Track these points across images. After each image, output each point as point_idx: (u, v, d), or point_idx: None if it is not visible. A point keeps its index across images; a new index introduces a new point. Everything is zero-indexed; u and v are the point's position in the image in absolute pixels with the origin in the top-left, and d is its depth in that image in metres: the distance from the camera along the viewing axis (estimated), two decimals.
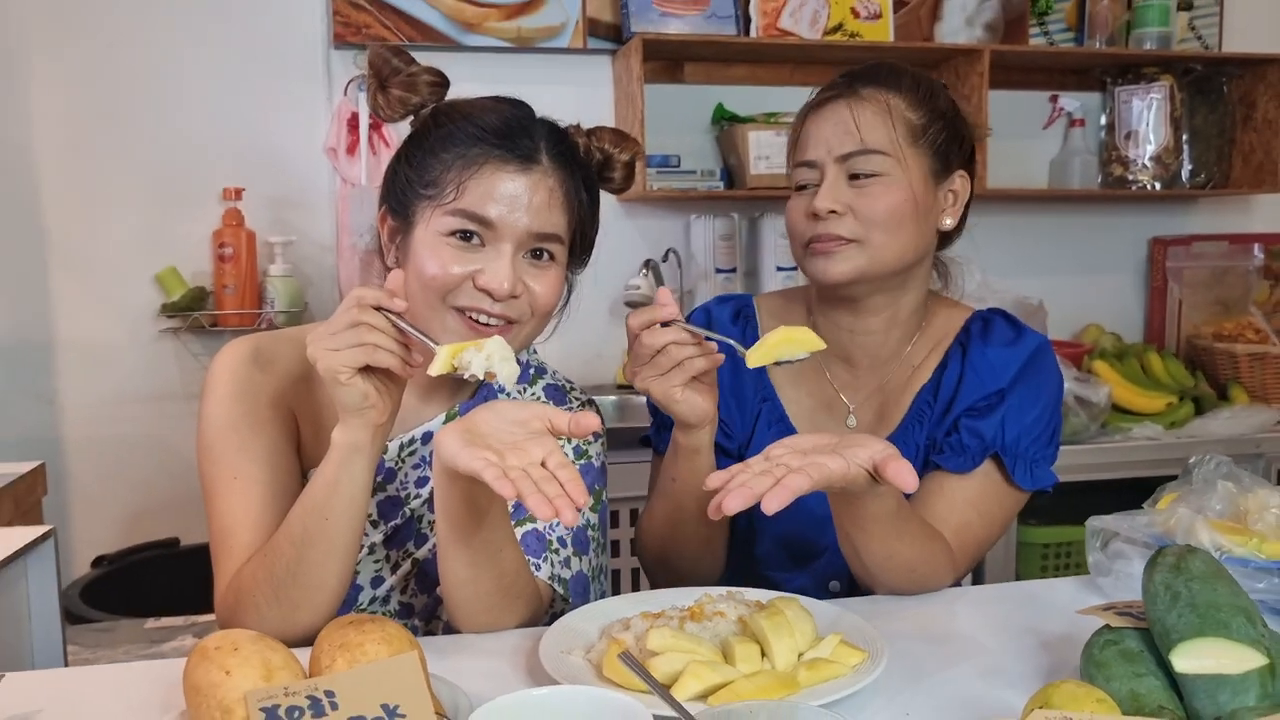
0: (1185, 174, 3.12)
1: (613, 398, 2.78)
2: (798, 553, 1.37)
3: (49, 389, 2.62)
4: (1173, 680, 0.88)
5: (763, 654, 1.01)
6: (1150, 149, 3.05)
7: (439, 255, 1.15)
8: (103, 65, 2.58)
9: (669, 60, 2.87)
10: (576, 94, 2.84)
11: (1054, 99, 3.14)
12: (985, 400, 1.31)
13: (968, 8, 2.99)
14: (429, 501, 1.25)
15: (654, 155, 2.77)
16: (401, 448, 1.26)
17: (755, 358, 1.14)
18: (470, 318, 1.17)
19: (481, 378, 1.06)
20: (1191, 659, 0.86)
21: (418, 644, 0.93)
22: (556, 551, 1.27)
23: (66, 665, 1.66)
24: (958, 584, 1.41)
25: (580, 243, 1.26)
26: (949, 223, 1.38)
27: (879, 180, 1.27)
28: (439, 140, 1.18)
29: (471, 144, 1.16)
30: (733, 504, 0.98)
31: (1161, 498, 1.31)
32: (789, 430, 1.37)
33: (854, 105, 1.29)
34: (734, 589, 1.17)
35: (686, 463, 1.25)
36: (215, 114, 2.55)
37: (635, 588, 2.43)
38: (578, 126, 1.28)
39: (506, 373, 1.06)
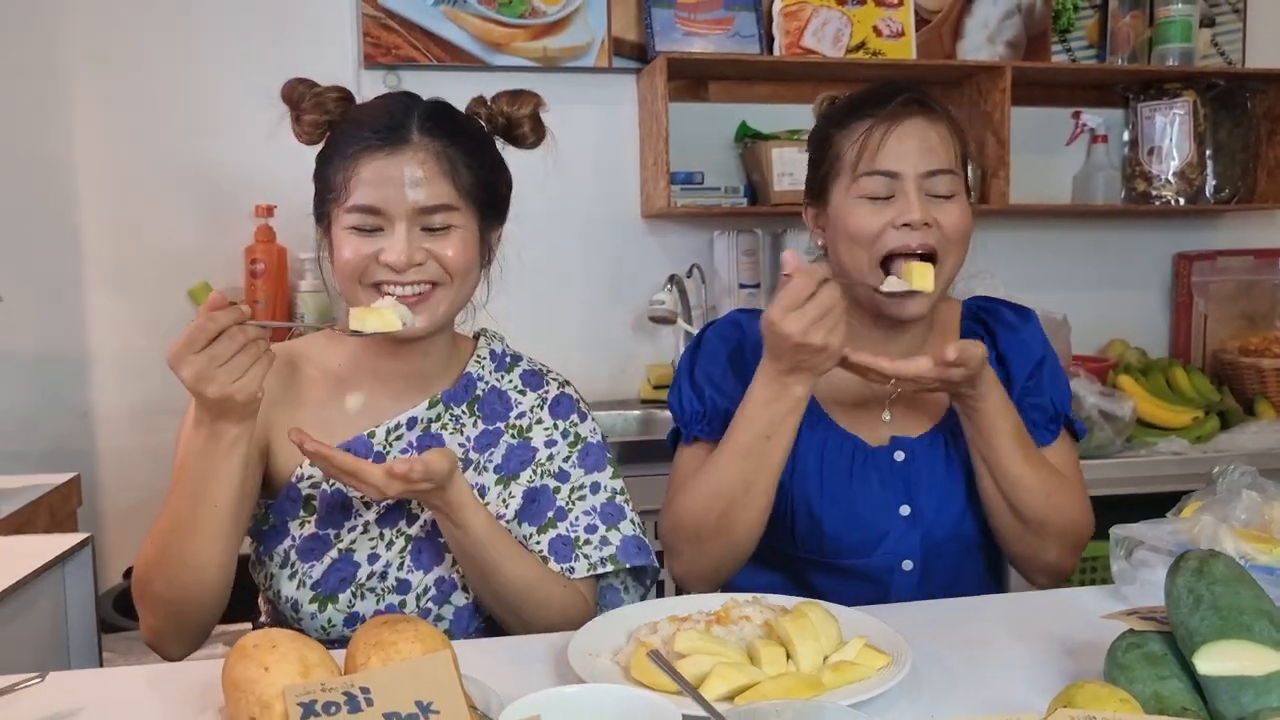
0: (1209, 189, 3.11)
1: (637, 412, 2.79)
2: (859, 539, 1.41)
3: (83, 401, 2.66)
4: (1196, 683, 0.89)
5: (788, 656, 1.02)
6: (1174, 164, 3.04)
7: (346, 246, 1.25)
8: (141, 85, 2.63)
9: (693, 79, 2.90)
10: (602, 112, 2.88)
11: (1076, 115, 3.14)
12: (1032, 375, 1.44)
13: (989, 25, 3.01)
14: None
15: (678, 172, 2.80)
16: (388, 433, 1.33)
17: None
18: (386, 291, 1.25)
19: (380, 329, 1.21)
20: (1215, 661, 0.87)
21: (449, 643, 0.96)
22: (588, 542, 1.33)
23: (101, 666, 1.69)
24: (980, 592, 1.44)
25: (490, 202, 1.34)
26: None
27: (954, 200, 1.34)
28: (331, 148, 1.29)
29: (351, 143, 1.25)
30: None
31: (1186, 506, 1.31)
32: (831, 427, 1.43)
33: (934, 123, 1.34)
34: (759, 595, 1.18)
35: (795, 415, 1.28)
36: (248, 132, 2.60)
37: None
38: (480, 98, 1.39)
39: (390, 322, 1.21)
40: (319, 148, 1.31)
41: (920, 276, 1.30)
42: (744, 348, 1.46)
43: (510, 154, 2.80)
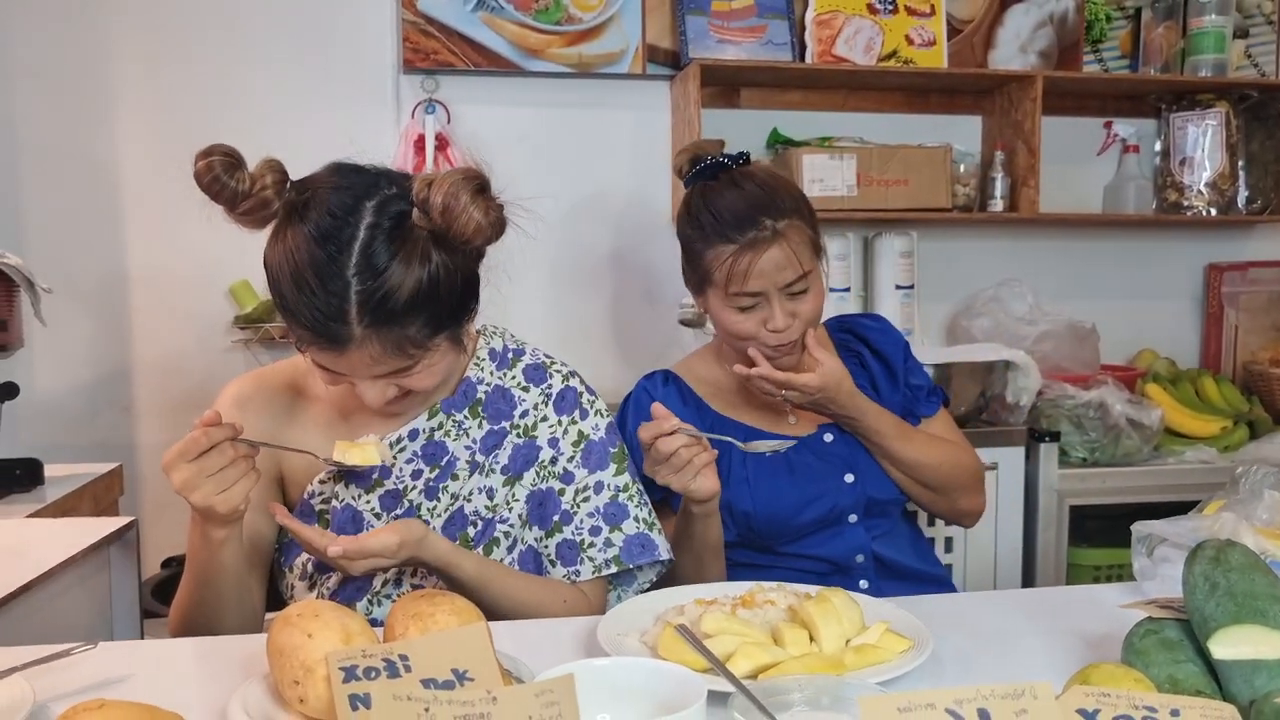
0: (1241, 200, 3.11)
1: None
2: (819, 511, 1.62)
3: (126, 396, 2.73)
4: (1210, 667, 0.91)
5: (811, 639, 1.05)
6: (1206, 175, 3.04)
7: (320, 373, 1.26)
8: (185, 87, 2.70)
9: (726, 85, 2.93)
10: (635, 118, 2.92)
11: (1108, 125, 3.15)
12: (906, 359, 1.74)
13: (1021, 35, 3.03)
14: (425, 491, 1.36)
15: None
16: (391, 446, 1.35)
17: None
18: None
19: (360, 464, 1.26)
20: (1229, 646, 0.89)
21: (484, 618, 0.99)
22: (592, 545, 1.37)
23: None
24: (918, 538, 1.73)
25: (453, 316, 1.25)
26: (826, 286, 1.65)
27: (810, 292, 1.56)
28: (278, 295, 1.21)
29: (296, 325, 1.19)
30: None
31: (1208, 505, 1.33)
32: (751, 435, 1.62)
33: (784, 242, 1.51)
34: (783, 582, 1.21)
35: (702, 526, 1.46)
36: (289, 135, 2.64)
37: None
38: (423, 201, 1.17)
39: (371, 458, 1.27)
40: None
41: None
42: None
43: (542, 158, 2.87)
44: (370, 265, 1.16)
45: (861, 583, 1.62)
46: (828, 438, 1.66)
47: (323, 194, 1.19)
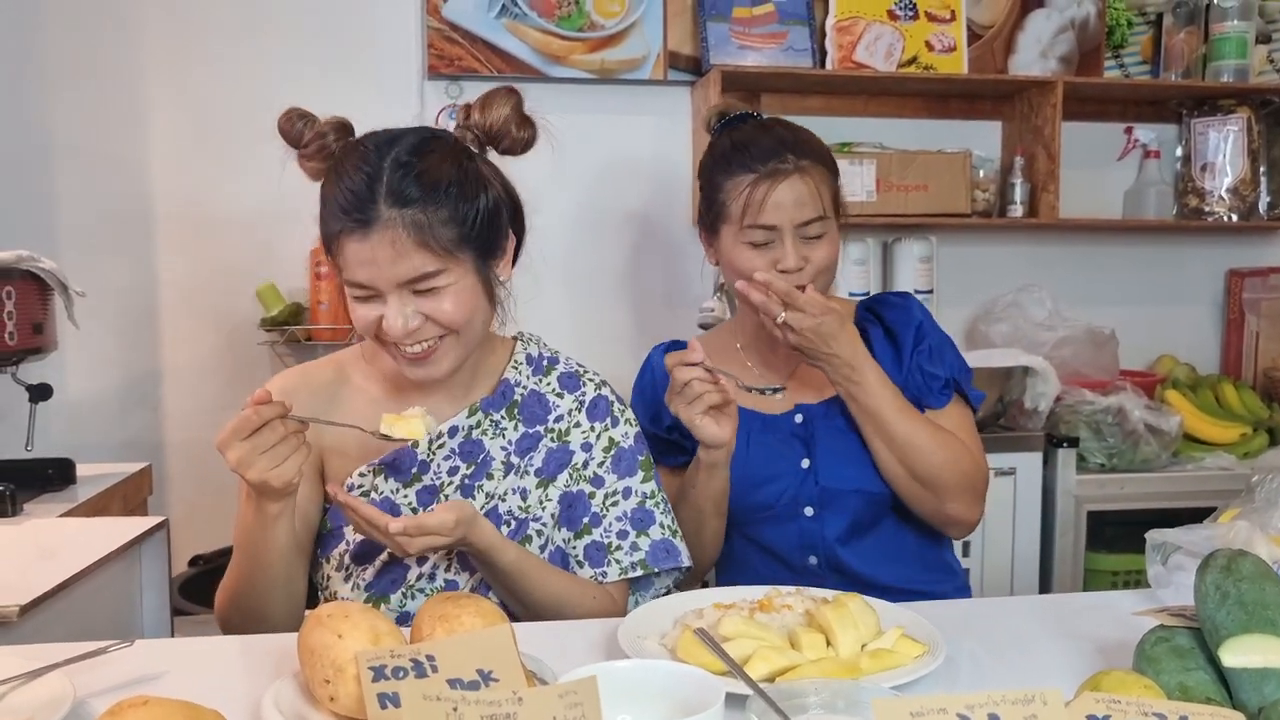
0: (1263, 206, 3.10)
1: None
2: (765, 494, 1.60)
3: (155, 397, 2.77)
4: (1221, 675, 0.93)
5: (827, 643, 1.07)
6: (1227, 181, 3.04)
7: (354, 308, 1.30)
8: (213, 93, 2.74)
9: (746, 91, 2.94)
10: (656, 124, 2.94)
11: (1129, 130, 3.14)
12: (918, 340, 1.61)
13: (1042, 40, 3.03)
14: (461, 488, 1.39)
15: None
16: (431, 442, 1.38)
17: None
18: (403, 350, 1.30)
19: (406, 437, 1.29)
20: (1239, 654, 0.90)
21: (508, 620, 1.02)
22: (619, 548, 1.40)
23: None
24: (919, 539, 1.64)
25: (482, 239, 1.30)
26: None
27: (824, 239, 1.55)
28: (322, 207, 1.29)
29: (331, 221, 1.27)
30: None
31: (1224, 512, 1.34)
32: (740, 412, 1.57)
33: (803, 179, 1.51)
34: (800, 588, 1.24)
35: (705, 475, 1.50)
36: None
37: None
38: (467, 111, 1.36)
39: (416, 431, 1.29)
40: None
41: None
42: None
43: (564, 164, 2.90)
44: (409, 150, 1.27)
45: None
46: (798, 419, 1.62)
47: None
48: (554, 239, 2.87)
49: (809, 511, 1.60)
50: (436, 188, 1.25)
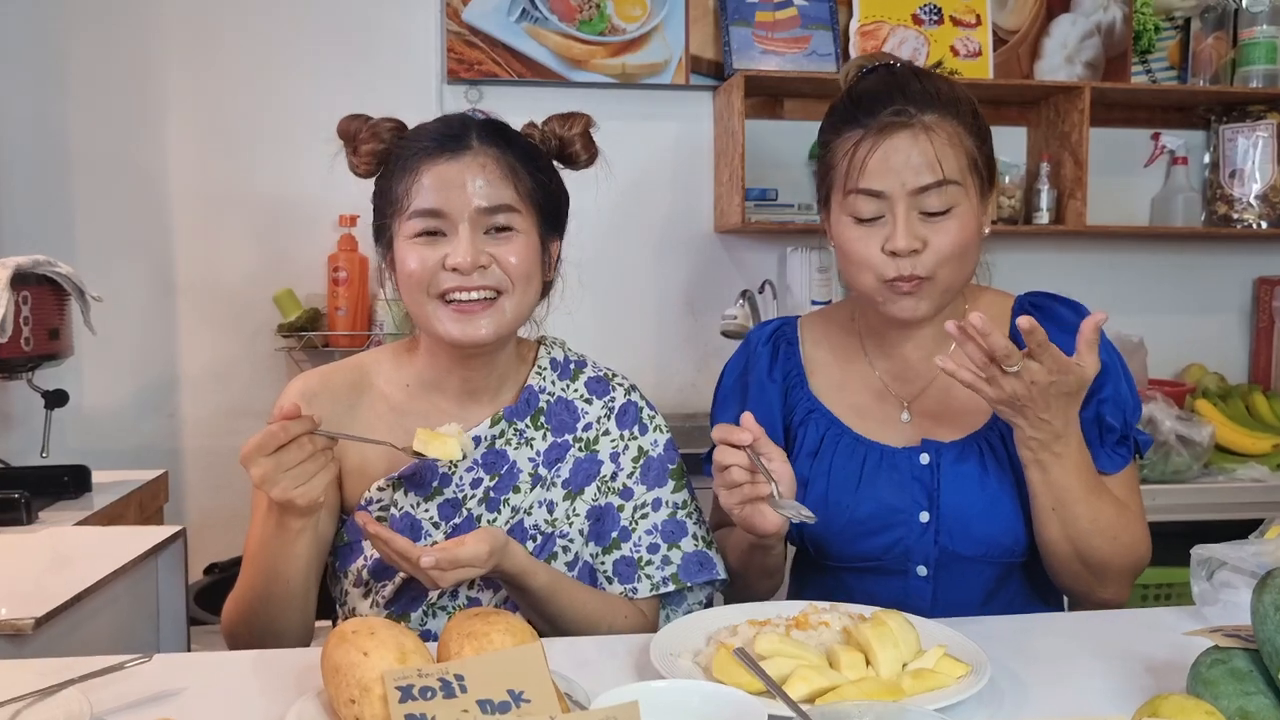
0: None
1: (705, 425, 2.81)
2: (868, 545, 1.38)
3: (171, 403, 2.76)
4: None
5: (867, 663, 1.04)
6: (1256, 187, 2.99)
7: (410, 256, 1.27)
8: (231, 98, 2.73)
9: (769, 96, 2.92)
10: (678, 129, 2.92)
11: (1156, 137, 3.10)
12: (1097, 386, 1.31)
13: (1068, 45, 2.99)
14: (484, 501, 1.34)
15: (752, 189, 2.82)
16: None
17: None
18: (453, 301, 1.26)
19: (440, 458, 1.26)
20: None
21: (539, 638, 0.98)
22: (650, 562, 1.35)
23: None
24: (1044, 609, 1.44)
25: (549, 209, 1.34)
26: (988, 229, 1.35)
27: (952, 215, 1.26)
28: (391, 166, 1.30)
29: (412, 155, 1.28)
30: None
31: (1270, 528, 1.30)
32: (843, 433, 1.40)
33: (925, 135, 1.25)
34: (836, 603, 1.20)
35: (759, 552, 1.33)
36: (334, 143, 2.67)
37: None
38: (531, 123, 1.38)
39: (452, 451, 1.25)
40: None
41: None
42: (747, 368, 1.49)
43: (586, 169, 2.86)
44: (490, 118, 1.34)
45: None
46: (923, 459, 1.36)
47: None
48: (575, 245, 2.82)
49: (922, 571, 1.35)
50: (521, 143, 1.32)
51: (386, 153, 1.32)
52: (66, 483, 1.98)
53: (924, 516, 1.34)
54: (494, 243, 1.27)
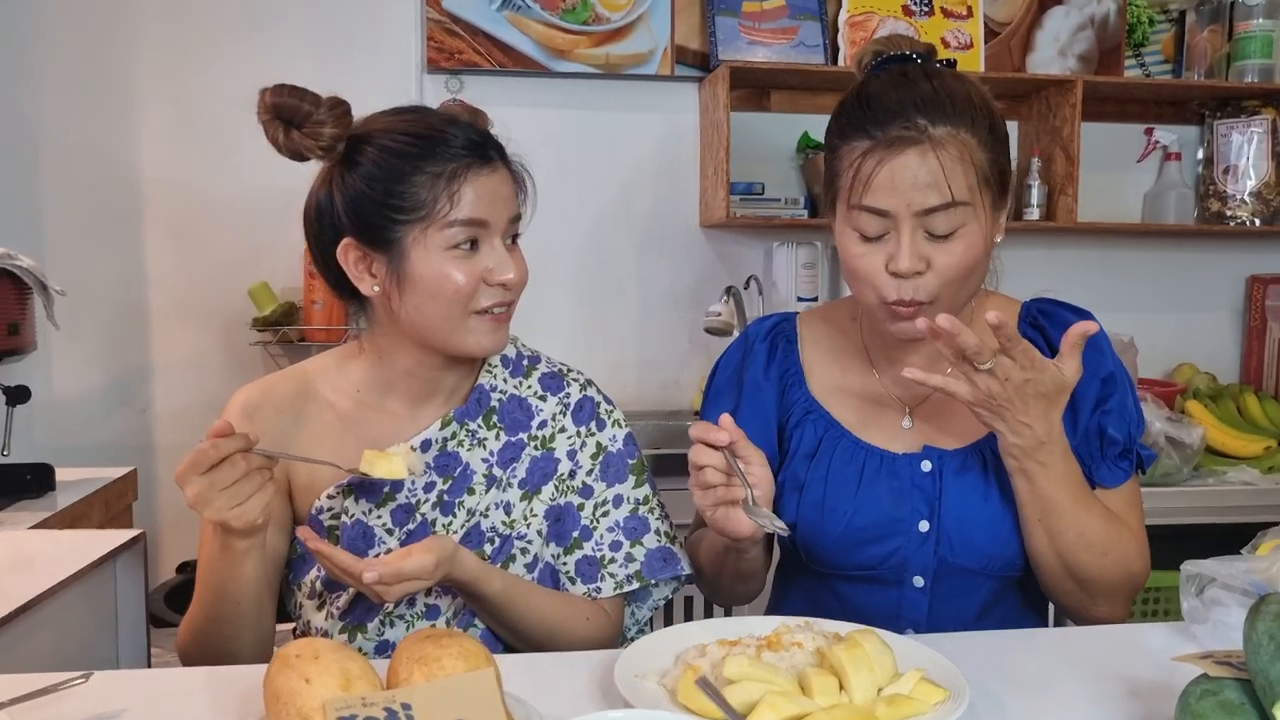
0: None
1: (689, 424, 2.76)
2: (864, 554, 1.33)
3: (143, 398, 2.70)
4: None
5: (840, 687, 0.99)
6: (1250, 184, 2.95)
7: (452, 269, 1.21)
8: (205, 87, 2.67)
9: (755, 88, 2.88)
10: (663, 120, 2.87)
11: (1149, 132, 3.07)
12: (1102, 397, 1.30)
13: (1061, 38, 2.95)
14: (439, 505, 1.30)
15: (738, 182, 2.77)
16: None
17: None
18: (492, 313, 1.25)
19: (386, 477, 1.21)
20: None
21: (494, 660, 0.94)
22: (613, 560, 1.33)
23: (150, 667, 1.70)
24: (1039, 624, 1.40)
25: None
26: (999, 238, 1.28)
27: (959, 236, 1.21)
28: (408, 165, 1.21)
29: (447, 160, 1.21)
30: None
31: (1262, 543, 1.25)
32: (842, 436, 1.36)
33: (934, 152, 1.18)
34: (811, 619, 1.15)
35: (732, 555, 1.29)
36: None
37: (689, 608, 2.42)
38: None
39: (398, 471, 1.21)
40: (366, 169, 1.22)
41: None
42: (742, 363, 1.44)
43: (568, 161, 2.82)
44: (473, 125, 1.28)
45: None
46: (925, 466, 1.31)
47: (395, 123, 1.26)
48: (556, 238, 2.79)
49: (918, 582, 1.31)
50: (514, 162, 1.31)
51: (337, 138, 1.23)
52: (29, 481, 1.93)
53: (924, 526, 1.30)
54: (510, 253, 1.26)
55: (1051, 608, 1.47)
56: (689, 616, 2.43)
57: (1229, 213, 2.98)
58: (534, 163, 1.33)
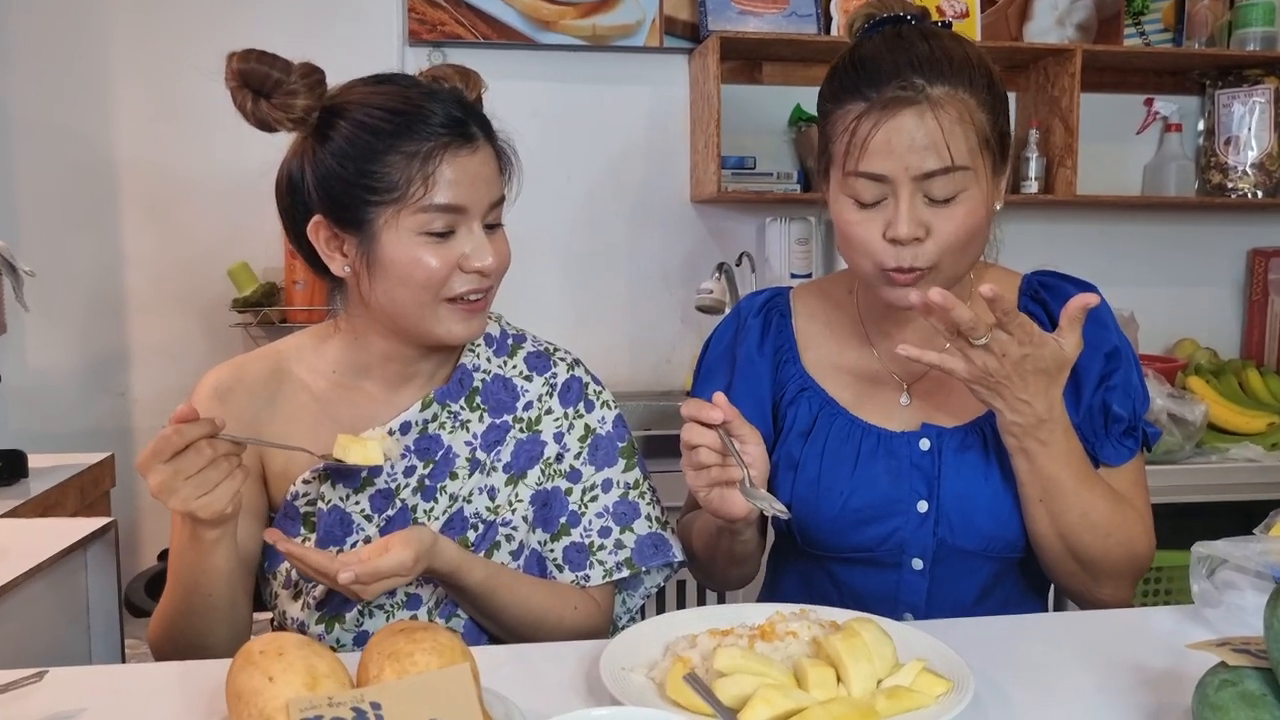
0: None
1: (681, 404, 2.71)
2: (862, 535, 1.28)
3: (122, 382, 2.65)
4: None
5: (838, 679, 0.94)
6: (1252, 155, 2.91)
7: (423, 254, 1.15)
8: (180, 62, 2.60)
9: (747, 60, 2.82)
10: (652, 93, 2.81)
11: (1149, 102, 3.02)
12: (1106, 373, 1.26)
13: (1059, 6, 2.88)
14: (420, 490, 1.25)
15: (729, 156, 2.71)
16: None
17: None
18: (466, 301, 1.18)
19: (361, 463, 1.15)
20: None
21: (471, 655, 0.89)
22: (602, 547, 1.28)
23: (124, 658, 1.65)
24: (1040, 607, 1.37)
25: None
26: (999, 205, 1.25)
27: (959, 201, 1.16)
28: (381, 142, 1.14)
29: (424, 139, 1.14)
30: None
31: (1275, 523, 1.21)
32: (837, 414, 1.31)
33: (932, 113, 1.13)
34: (807, 606, 1.10)
35: (726, 537, 1.25)
36: None
37: (681, 593, 2.37)
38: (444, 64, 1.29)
39: (374, 456, 1.15)
40: (339, 145, 1.15)
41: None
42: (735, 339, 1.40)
43: (554, 135, 2.76)
44: (460, 97, 1.21)
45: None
46: (923, 444, 1.27)
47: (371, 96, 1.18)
48: (544, 215, 2.74)
49: (917, 564, 1.27)
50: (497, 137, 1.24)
51: (309, 109, 1.16)
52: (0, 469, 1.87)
53: (922, 506, 1.26)
54: (491, 238, 1.19)
55: (1052, 590, 1.42)
56: (681, 602, 2.39)
57: (1230, 185, 2.94)
58: (519, 138, 1.27)
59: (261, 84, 1.15)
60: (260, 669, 0.83)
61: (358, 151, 1.14)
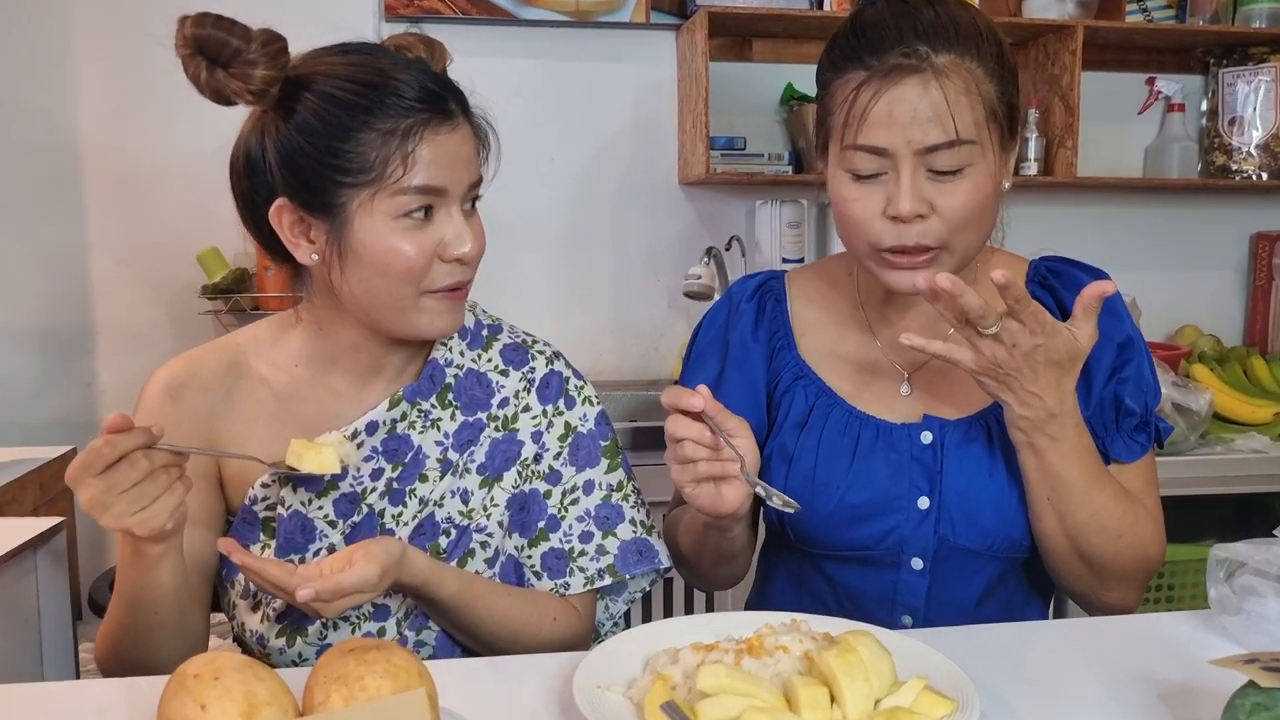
0: None
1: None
2: (859, 533, 1.22)
3: (88, 372, 2.56)
4: None
5: (831, 700, 0.86)
6: (1256, 136, 2.83)
7: (400, 242, 1.07)
8: (144, 34, 2.49)
9: (736, 36, 2.74)
10: (638, 71, 2.73)
11: (1151, 81, 2.94)
12: (1118, 364, 1.19)
13: None
14: (387, 494, 1.17)
15: (718, 137, 2.63)
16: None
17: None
18: (448, 292, 1.11)
19: (316, 472, 1.08)
20: None
21: (429, 676, 0.81)
22: (583, 553, 1.21)
23: (78, 666, 1.57)
24: (1043, 609, 1.31)
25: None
26: (1008, 184, 1.18)
27: (965, 175, 1.10)
28: (354, 118, 1.05)
29: (401, 115, 1.06)
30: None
31: None
32: (834, 404, 1.25)
33: (937, 83, 1.07)
34: (799, 616, 1.02)
35: (714, 534, 1.19)
36: None
37: (669, 594, 2.30)
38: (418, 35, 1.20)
39: (329, 465, 1.08)
40: (309, 121, 1.06)
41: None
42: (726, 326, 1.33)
43: (537, 115, 2.67)
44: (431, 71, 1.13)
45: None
46: (925, 437, 1.20)
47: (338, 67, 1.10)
48: (526, 198, 2.65)
49: (917, 564, 1.20)
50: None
51: (270, 81, 1.06)
52: None
53: (923, 503, 1.19)
54: (470, 221, 1.12)
55: (1052, 597, 1.36)
56: (668, 602, 2.32)
57: (1234, 167, 2.87)
58: (500, 117, 1.19)
59: (218, 52, 1.06)
60: (193, 695, 0.75)
61: (327, 128, 1.05)
